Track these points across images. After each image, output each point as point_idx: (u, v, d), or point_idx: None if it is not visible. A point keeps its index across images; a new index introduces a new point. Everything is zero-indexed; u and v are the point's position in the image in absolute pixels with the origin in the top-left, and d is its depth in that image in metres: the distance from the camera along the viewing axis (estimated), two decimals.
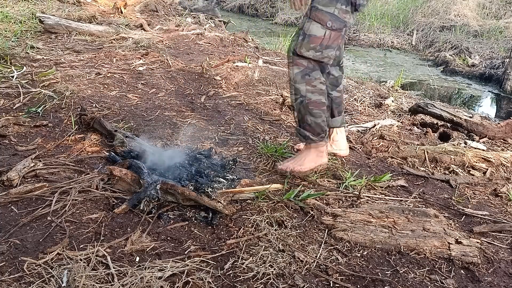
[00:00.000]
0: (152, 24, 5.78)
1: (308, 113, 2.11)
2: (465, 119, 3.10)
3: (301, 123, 2.16)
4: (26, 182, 1.90)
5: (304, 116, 2.13)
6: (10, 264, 1.44)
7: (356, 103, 3.56)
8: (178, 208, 1.85)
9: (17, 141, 2.30)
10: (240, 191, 1.91)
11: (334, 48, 2.05)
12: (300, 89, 2.08)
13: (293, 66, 2.07)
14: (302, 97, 2.09)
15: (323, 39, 1.99)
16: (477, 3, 9.25)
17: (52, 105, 2.74)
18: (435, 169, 2.52)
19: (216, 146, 2.46)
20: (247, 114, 3.06)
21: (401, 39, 8.28)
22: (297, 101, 2.11)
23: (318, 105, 2.11)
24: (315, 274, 1.54)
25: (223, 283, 1.46)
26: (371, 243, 1.72)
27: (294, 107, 2.16)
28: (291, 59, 2.07)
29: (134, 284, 1.38)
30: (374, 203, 2.04)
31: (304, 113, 2.12)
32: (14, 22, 4.69)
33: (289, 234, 1.73)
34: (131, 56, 4.04)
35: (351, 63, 6.70)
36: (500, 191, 2.29)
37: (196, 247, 1.62)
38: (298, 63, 2.06)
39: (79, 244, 1.56)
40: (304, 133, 2.15)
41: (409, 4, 9.48)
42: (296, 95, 2.11)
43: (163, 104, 3.06)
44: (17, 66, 3.35)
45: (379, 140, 2.73)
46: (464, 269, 1.66)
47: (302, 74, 2.06)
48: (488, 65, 6.31)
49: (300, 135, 2.18)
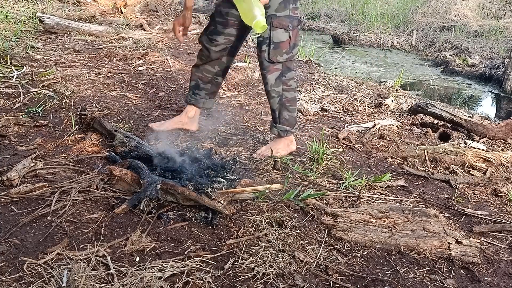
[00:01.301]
0: (152, 24, 5.77)
1: (286, 109, 2.34)
2: (465, 119, 3.10)
3: (279, 119, 2.36)
4: (26, 182, 1.90)
5: (282, 113, 2.35)
6: (10, 264, 1.44)
7: (356, 103, 3.56)
8: (178, 208, 1.85)
9: (17, 141, 2.30)
10: (240, 191, 1.90)
11: (298, 44, 2.24)
12: (278, 90, 2.29)
13: (270, 73, 2.25)
14: (279, 96, 2.31)
15: (290, 41, 2.18)
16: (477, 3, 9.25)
17: (52, 105, 2.74)
18: (435, 169, 2.52)
19: (216, 146, 2.46)
20: (247, 114, 3.06)
21: (401, 39, 8.27)
22: (276, 101, 2.32)
23: (293, 101, 2.37)
24: (315, 274, 1.54)
25: (223, 283, 1.46)
26: (371, 243, 1.72)
27: (273, 108, 2.35)
28: (266, 68, 2.24)
29: (134, 284, 1.38)
30: (374, 203, 2.04)
31: (282, 110, 2.34)
32: (14, 22, 4.68)
33: (289, 234, 1.73)
34: (131, 56, 4.04)
35: (351, 63, 6.69)
36: (500, 191, 2.29)
37: (196, 247, 1.62)
38: (274, 69, 2.24)
39: (79, 244, 1.56)
40: (283, 128, 2.37)
41: (409, 4, 9.47)
42: (275, 97, 2.31)
43: (163, 104, 3.06)
44: (17, 66, 3.35)
45: (379, 140, 2.73)
46: (464, 269, 1.66)
47: (279, 78, 2.26)
48: (488, 65, 6.31)
49: (279, 130, 2.38)
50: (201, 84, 2.50)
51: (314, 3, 10.43)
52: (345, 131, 2.89)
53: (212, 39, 2.32)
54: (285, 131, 2.38)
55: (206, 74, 2.46)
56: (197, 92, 2.53)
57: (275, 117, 2.38)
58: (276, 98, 2.32)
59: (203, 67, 2.45)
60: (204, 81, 2.49)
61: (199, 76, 2.48)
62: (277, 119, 2.37)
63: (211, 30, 2.33)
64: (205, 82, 2.49)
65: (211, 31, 2.33)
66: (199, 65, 2.47)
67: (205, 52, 2.39)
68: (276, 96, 2.31)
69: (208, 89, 2.52)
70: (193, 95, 2.54)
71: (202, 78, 2.48)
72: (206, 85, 2.50)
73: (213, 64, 2.43)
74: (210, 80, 2.49)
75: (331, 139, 2.76)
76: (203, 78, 2.48)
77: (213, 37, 2.32)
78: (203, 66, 2.45)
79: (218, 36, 2.30)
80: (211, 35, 2.32)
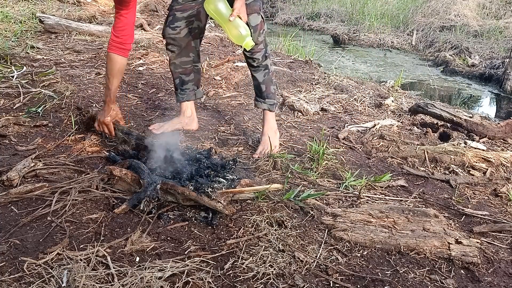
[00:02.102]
0: (152, 24, 5.78)
1: (271, 82, 2.50)
2: (465, 119, 3.10)
3: (267, 94, 2.49)
4: (26, 182, 1.90)
5: (269, 86, 2.49)
6: (10, 264, 1.44)
7: (356, 103, 3.56)
8: (178, 208, 1.85)
9: (17, 141, 2.30)
10: (240, 191, 1.90)
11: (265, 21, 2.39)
12: (264, 64, 2.43)
13: (256, 53, 2.37)
14: (267, 69, 2.45)
15: (263, 22, 2.34)
16: (477, 3, 9.25)
17: (52, 105, 2.74)
18: (435, 169, 2.52)
19: (216, 146, 2.46)
20: (247, 114, 3.06)
21: (401, 39, 8.27)
22: (265, 76, 2.46)
23: (273, 75, 2.56)
24: (315, 274, 1.54)
25: (223, 283, 1.46)
26: (371, 243, 1.72)
27: (261, 84, 2.47)
28: (252, 49, 2.32)
29: (134, 284, 1.38)
30: (374, 203, 2.04)
31: (269, 84, 2.49)
32: (14, 22, 4.68)
33: (289, 234, 1.73)
34: (131, 56, 4.04)
35: (351, 63, 6.69)
36: (500, 191, 2.29)
37: (196, 247, 1.62)
38: (259, 49, 2.37)
39: (79, 244, 1.56)
40: (271, 101, 2.50)
41: (409, 4, 9.47)
42: (265, 71, 2.45)
43: (163, 104, 3.06)
44: (17, 66, 3.35)
45: (379, 140, 2.73)
46: (464, 269, 1.66)
47: (264, 54, 2.41)
48: (488, 65, 6.31)
49: (269, 105, 2.49)
50: (185, 77, 2.52)
51: (314, 3, 10.43)
52: (345, 131, 2.89)
53: (174, 27, 2.36)
54: (273, 105, 2.50)
55: (185, 66, 2.50)
56: (184, 88, 2.55)
57: (262, 91, 2.48)
58: (263, 71, 2.44)
59: (179, 60, 2.48)
60: (187, 73, 2.52)
61: (180, 71, 2.51)
62: (264, 93, 2.48)
63: (171, 20, 2.37)
64: (188, 73, 2.52)
65: (171, 20, 2.37)
66: (175, 61, 2.49)
67: (172, 43, 2.42)
68: (263, 69, 2.44)
69: (193, 79, 2.56)
70: (182, 92, 2.56)
71: (183, 71, 2.51)
72: (189, 76, 2.54)
73: (187, 53, 2.47)
74: (191, 70, 2.52)
75: (331, 139, 2.76)
76: (184, 71, 2.51)
77: (175, 25, 2.36)
78: (179, 59, 2.48)
79: (179, 22, 2.36)
80: (172, 23, 2.36)
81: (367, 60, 6.98)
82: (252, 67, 2.45)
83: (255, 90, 2.52)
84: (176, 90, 2.58)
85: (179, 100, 2.60)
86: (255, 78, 2.48)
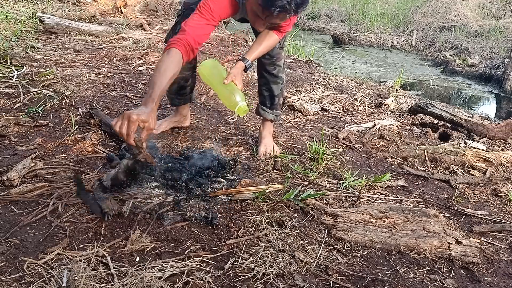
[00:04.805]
0: (152, 24, 5.78)
1: (282, 95, 2.46)
2: (465, 119, 3.10)
3: (277, 106, 2.45)
4: (26, 182, 1.90)
5: (280, 98, 2.46)
6: (10, 264, 1.44)
7: (356, 103, 3.56)
8: (178, 208, 1.85)
9: (17, 141, 2.29)
10: (240, 191, 1.91)
11: None
12: (282, 76, 2.39)
13: (279, 60, 2.32)
14: (283, 82, 2.41)
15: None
16: (477, 3, 9.26)
17: (52, 105, 2.74)
18: (435, 169, 2.52)
19: (216, 146, 2.45)
20: (247, 114, 3.05)
21: (401, 39, 8.28)
22: (279, 87, 2.41)
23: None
24: (315, 274, 1.54)
25: (223, 283, 1.46)
26: (371, 243, 1.72)
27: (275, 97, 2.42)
28: (277, 55, 2.29)
29: (134, 284, 1.38)
30: (374, 203, 2.04)
31: (280, 96, 2.46)
32: (14, 22, 4.68)
33: (289, 234, 1.73)
34: (131, 56, 4.04)
35: (351, 63, 6.70)
36: (500, 191, 2.29)
37: (196, 247, 1.62)
38: (282, 56, 2.34)
39: (79, 244, 1.56)
40: (278, 113, 2.48)
41: (409, 4, 9.48)
42: (280, 83, 2.39)
43: (163, 104, 3.06)
44: (17, 66, 3.35)
45: (379, 140, 2.73)
46: (464, 269, 1.66)
47: (284, 64, 2.37)
48: (488, 65, 6.31)
49: (274, 115, 2.46)
50: (184, 83, 2.48)
51: (314, 3, 10.44)
52: (345, 131, 2.89)
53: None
54: (278, 116, 2.49)
55: (186, 73, 2.42)
56: (182, 93, 2.52)
57: (274, 103, 2.44)
58: (280, 84, 2.39)
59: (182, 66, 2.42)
60: (187, 79, 2.48)
61: (181, 77, 2.40)
62: (274, 105, 2.44)
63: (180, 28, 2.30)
64: (187, 79, 2.48)
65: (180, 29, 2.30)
66: None
67: None
68: (280, 83, 2.39)
69: (191, 84, 2.53)
70: (180, 97, 2.53)
71: (184, 77, 2.44)
72: (188, 82, 2.50)
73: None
74: (190, 75, 2.49)
75: (331, 139, 2.76)
76: (185, 77, 2.45)
77: None
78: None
79: None
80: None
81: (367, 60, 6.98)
82: (272, 76, 2.35)
83: (264, 99, 2.45)
84: (171, 94, 2.52)
85: (175, 104, 2.57)
86: (270, 90, 2.40)
